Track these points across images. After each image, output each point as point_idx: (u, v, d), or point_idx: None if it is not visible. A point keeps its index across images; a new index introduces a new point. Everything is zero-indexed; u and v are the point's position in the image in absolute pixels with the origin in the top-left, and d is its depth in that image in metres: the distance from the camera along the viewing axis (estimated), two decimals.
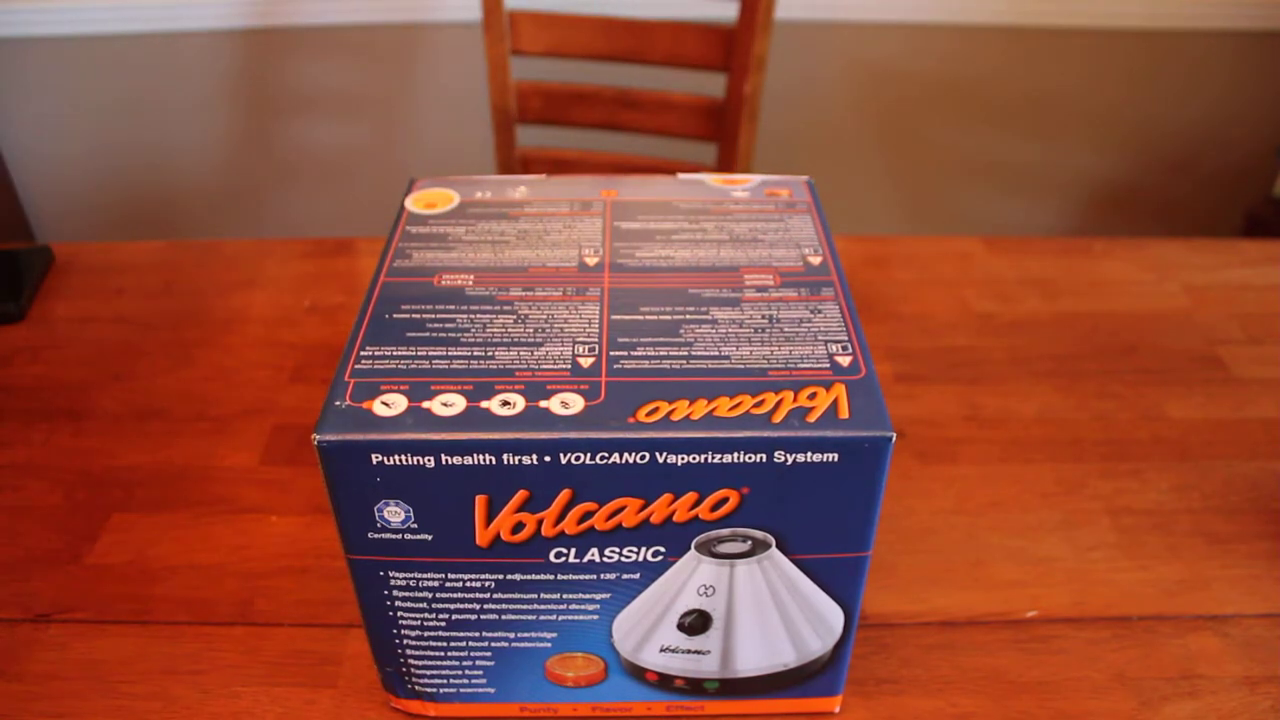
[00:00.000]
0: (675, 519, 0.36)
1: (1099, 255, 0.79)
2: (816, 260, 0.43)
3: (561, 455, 0.34)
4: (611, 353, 0.38)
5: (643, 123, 1.21)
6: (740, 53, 1.13)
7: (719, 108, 1.17)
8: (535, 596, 0.39)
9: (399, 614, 0.40)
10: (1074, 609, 0.50)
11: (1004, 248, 0.80)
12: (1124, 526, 0.55)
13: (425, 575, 0.38)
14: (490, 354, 0.38)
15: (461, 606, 0.39)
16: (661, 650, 0.41)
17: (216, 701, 0.46)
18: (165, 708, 0.46)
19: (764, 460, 0.34)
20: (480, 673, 0.42)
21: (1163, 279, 0.76)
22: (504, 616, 0.40)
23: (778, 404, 0.35)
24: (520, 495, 0.35)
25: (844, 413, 0.35)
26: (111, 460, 0.60)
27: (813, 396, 0.35)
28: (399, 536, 0.37)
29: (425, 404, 0.35)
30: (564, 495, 0.35)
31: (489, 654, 0.41)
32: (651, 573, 0.38)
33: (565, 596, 0.39)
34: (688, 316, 0.40)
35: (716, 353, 0.38)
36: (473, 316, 0.40)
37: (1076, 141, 1.74)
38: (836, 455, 0.34)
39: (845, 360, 0.37)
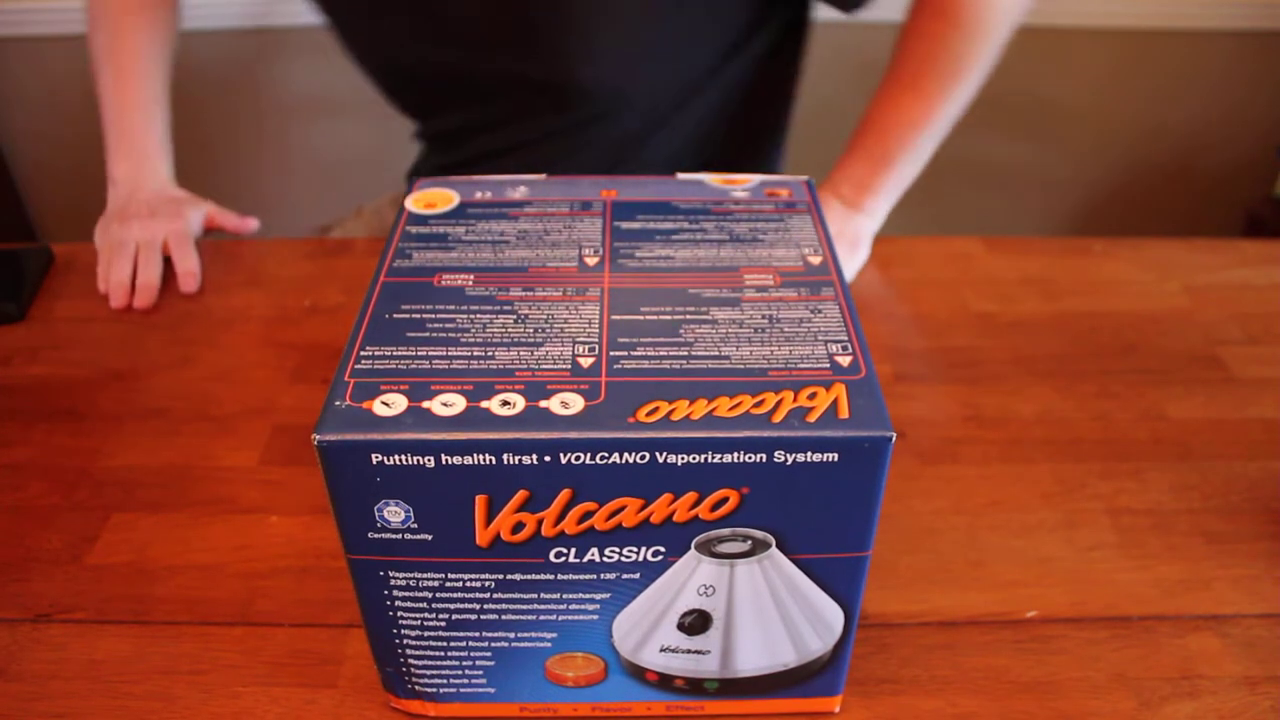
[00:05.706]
0: (675, 519, 0.36)
1: (1099, 255, 0.79)
2: (816, 260, 0.43)
3: (561, 455, 0.34)
4: (611, 353, 0.38)
5: None
6: None
7: None
8: (535, 596, 0.39)
9: (399, 614, 0.40)
10: (1074, 609, 0.50)
11: (1004, 248, 0.80)
12: (1124, 526, 0.55)
13: (425, 575, 0.38)
14: (490, 354, 0.38)
15: (461, 606, 0.39)
16: (661, 650, 0.41)
17: (216, 701, 0.46)
18: (165, 708, 0.46)
19: (764, 460, 0.34)
20: (480, 673, 0.42)
21: (1163, 279, 0.76)
22: (504, 616, 0.40)
23: (778, 404, 0.35)
24: (520, 495, 0.35)
25: (844, 413, 0.35)
26: (111, 460, 0.60)
27: (813, 396, 0.35)
28: (399, 536, 0.37)
29: (425, 404, 0.35)
30: (564, 495, 0.35)
31: (489, 654, 0.41)
32: (651, 573, 0.38)
33: (565, 596, 0.39)
34: (688, 316, 0.40)
35: (716, 353, 0.38)
36: (473, 316, 0.40)
37: (1077, 141, 1.74)
38: (836, 455, 0.34)
39: (845, 360, 0.37)
